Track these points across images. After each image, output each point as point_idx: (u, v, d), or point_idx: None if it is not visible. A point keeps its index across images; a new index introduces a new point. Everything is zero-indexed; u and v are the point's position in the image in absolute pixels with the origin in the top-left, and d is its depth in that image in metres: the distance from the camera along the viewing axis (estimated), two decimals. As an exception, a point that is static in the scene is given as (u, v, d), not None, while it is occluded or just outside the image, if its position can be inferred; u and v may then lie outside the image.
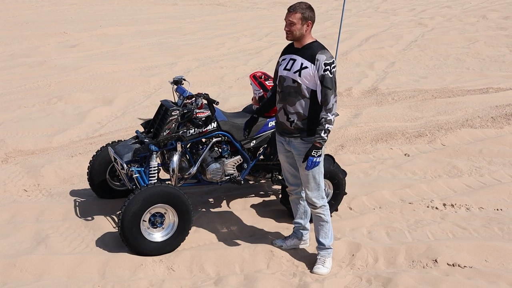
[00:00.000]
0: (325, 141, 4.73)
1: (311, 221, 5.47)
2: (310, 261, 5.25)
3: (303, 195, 5.30)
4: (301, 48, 4.83)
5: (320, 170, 4.97)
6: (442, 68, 12.97)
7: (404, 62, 13.58)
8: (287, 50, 4.98)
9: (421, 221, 6.01)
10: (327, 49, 4.80)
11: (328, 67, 4.68)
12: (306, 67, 4.73)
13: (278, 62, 5.06)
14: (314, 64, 4.71)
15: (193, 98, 5.66)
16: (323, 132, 4.70)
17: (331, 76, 4.69)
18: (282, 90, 4.90)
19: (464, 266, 5.11)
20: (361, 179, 7.07)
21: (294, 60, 4.82)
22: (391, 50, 14.80)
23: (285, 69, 4.87)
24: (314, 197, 5.01)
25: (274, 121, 5.99)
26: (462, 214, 6.17)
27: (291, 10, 4.75)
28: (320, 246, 5.17)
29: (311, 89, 4.76)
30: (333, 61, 4.72)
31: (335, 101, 4.73)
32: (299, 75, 4.75)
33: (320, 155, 4.74)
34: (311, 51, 4.76)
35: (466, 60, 13.70)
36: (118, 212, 5.24)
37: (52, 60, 13.40)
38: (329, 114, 4.70)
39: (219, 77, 12.14)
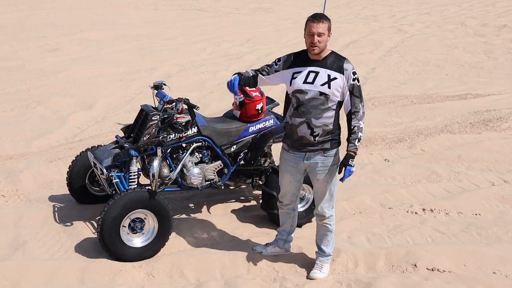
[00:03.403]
0: (357, 149, 4.70)
1: (301, 225, 5.45)
2: (291, 266, 5.26)
3: (295, 210, 5.30)
4: (321, 59, 4.67)
5: (336, 182, 4.94)
6: (422, 74, 13.08)
7: (384, 68, 13.67)
8: (299, 62, 4.76)
9: (400, 226, 6.04)
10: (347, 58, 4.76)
11: (356, 75, 4.65)
12: (335, 78, 4.61)
13: (277, 69, 4.83)
14: (343, 74, 4.61)
15: (174, 103, 5.64)
16: (356, 141, 4.67)
17: (358, 84, 4.66)
18: (303, 104, 4.69)
19: (443, 271, 5.15)
20: (341, 184, 7.00)
21: (317, 73, 4.65)
22: (371, 56, 14.90)
23: (305, 82, 4.67)
24: (325, 207, 4.98)
25: (254, 126, 6.00)
26: (441, 219, 6.21)
27: (318, 19, 4.55)
28: (321, 252, 5.17)
29: (338, 100, 4.68)
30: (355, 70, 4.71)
31: (363, 110, 4.71)
32: (329, 87, 4.61)
33: (353, 164, 4.69)
34: (335, 61, 4.64)
35: (445, 67, 13.83)
36: (97, 218, 5.21)
37: (32, 64, 13.28)
38: (360, 122, 4.68)
39: (200, 82, 12.12)
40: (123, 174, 5.51)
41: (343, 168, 4.68)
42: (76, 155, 6.23)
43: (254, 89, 6.02)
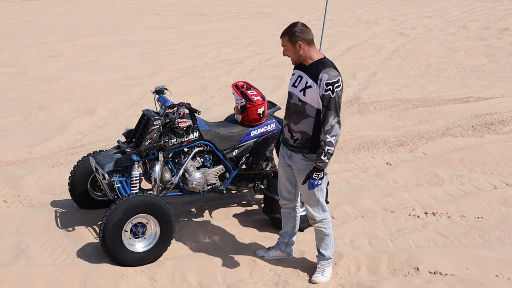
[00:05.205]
0: (326, 164, 4.60)
1: (303, 229, 5.51)
2: (293, 270, 5.25)
3: (296, 211, 5.30)
4: (308, 65, 4.71)
5: (320, 187, 4.90)
6: (423, 78, 13.08)
7: (386, 72, 13.67)
8: (298, 65, 4.86)
9: (403, 230, 6.03)
10: (333, 67, 4.63)
11: (330, 87, 4.51)
12: (310, 86, 4.62)
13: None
14: (317, 84, 4.58)
15: (175, 108, 5.64)
16: (323, 155, 4.55)
17: (332, 96, 4.51)
18: (288, 107, 4.83)
19: (446, 274, 5.14)
20: (344, 188, 7.09)
21: (301, 78, 4.72)
22: (373, 60, 14.91)
23: (293, 85, 4.78)
24: (314, 211, 4.97)
25: (256, 131, 6.01)
26: (443, 222, 6.20)
27: (281, 35, 4.72)
28: (321, 256, 5.17)
29: (316, 108, 4.65)
30: (338, 80, 4.55)
31: (336, 122, 4.54)
32: (304, 94, 4.65)
33: (321, 178, 4.65)
34: (316, 69, 4.64)
35: (446, 70, 13.83)
36: (99, 223, 5.21)
37: (34, 70, 13.32)
38: (327, 135, 4.53)
39: (201, 87, 12.14)
40: (125, 179, 5.52)
41: (307, 180, 4.66)
42: (78, 160, 6.25)
43: (255, 93, 6.03)
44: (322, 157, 4.57)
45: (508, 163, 7.85)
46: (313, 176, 4.61)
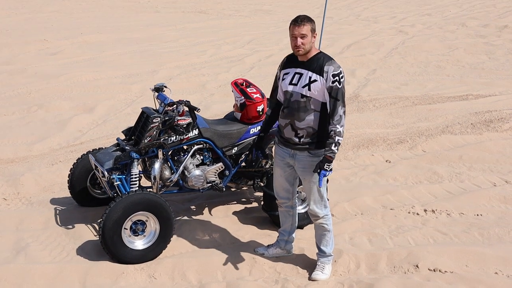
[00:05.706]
0: (335, 154, 4.64)
1: (303, 227, 5.54)
2: (293, 267, 5.25)
3: (294, 209, 5.30)
4: (307, 61, 4.70)
5: (325, 182, 4.93)
6: (423, 75, 13.08)
7: (385, 69, 13.66)
8: (289, 64, 4.84)
9: (402, 227, 6.04)
10: (333, 59, 4.69)
11: (337, 77, 4.58)
12: (315, 81, 4.62)
13: (278, 76, 4.93)
14: (322, 77, 4.60)
15: (174, 105, 5.64)
16: (333, 145, 4.60)
17: (339, 86, 4.60)
18: (288, 106, 4.79)
19: (445, 271, 5.15)
20: (343, 185, 7.10)
21: (301, 74, 4.70)
22: (372, 57, 14.89)
23: (291, 83, 4.75)
24: (317, 208, 4.98)
25: (255, 128, 6.01)
26: (443, 220, 6.21)
27: (300, 23, 4.60)
28: (321, 253, 5.17)
29: (321, 102, 4.66)
30: (341, 71, 4.62)
31: (343, 112, 4.63)
32: (309, 89, 4.64)
33: (331, 169, 4.66)
34: (318, 63, 4.65)
35: (446, 67, 13.82)
36: (99, 220, 5.21)
37: (33, 67, 13.30)
38: (337, 125, 4.61)
39: (201, 85, 12.13)
40: (124, 176, 5.52)
41: (318, 171, 4.64)
42: (77, 158, 6.24)
43: (255, 91, 6.03)
44: (333, 147, 4.61)
45: (507, 161, 7.85)
46: (325, 167, 4.61)
